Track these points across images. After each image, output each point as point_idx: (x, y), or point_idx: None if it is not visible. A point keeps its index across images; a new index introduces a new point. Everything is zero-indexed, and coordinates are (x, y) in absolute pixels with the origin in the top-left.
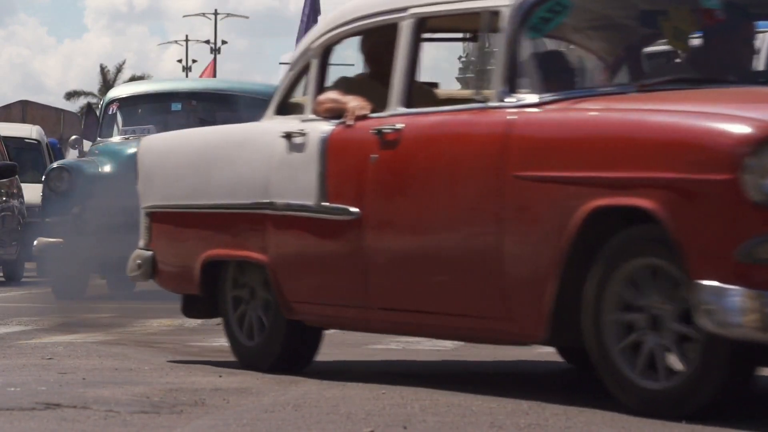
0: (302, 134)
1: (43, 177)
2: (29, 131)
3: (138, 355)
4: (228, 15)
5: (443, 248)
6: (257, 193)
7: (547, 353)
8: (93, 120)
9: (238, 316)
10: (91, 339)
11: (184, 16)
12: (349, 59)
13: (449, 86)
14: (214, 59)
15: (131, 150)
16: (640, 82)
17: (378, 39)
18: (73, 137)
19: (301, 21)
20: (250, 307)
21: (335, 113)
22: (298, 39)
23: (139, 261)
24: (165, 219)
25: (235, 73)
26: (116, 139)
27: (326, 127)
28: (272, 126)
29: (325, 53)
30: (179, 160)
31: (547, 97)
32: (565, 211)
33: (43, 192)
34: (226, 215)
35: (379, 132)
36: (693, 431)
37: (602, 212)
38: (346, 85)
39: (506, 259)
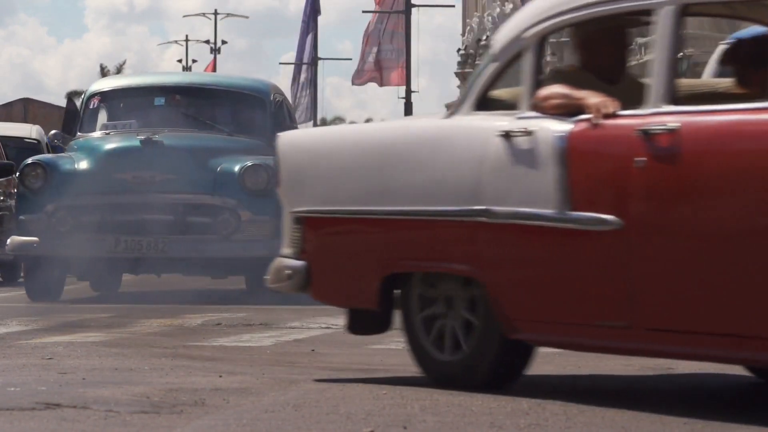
0: (526, 133)
1: (17, 173)
2: (29, 131)
3: (138, 355)
4: (228, 15)
5: (747, 264)
6: (465, 199)
7: (545, 353)
8: (73, 114)
9: (433, 338)
10: (91, 339)
11: (184, 16)
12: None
13: (448, 82)
14: (214, 59)
15: (110, 146)
16: None
17: (599, 27)
18: (53, 132)
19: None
20: (449, 318)
21: (566, 110)
22: (299, 39)
23: (289, 271)
24: (326, 226)
25: (235, 72)
26: (97, 134)
27: (560, 126)
28: (479, 123)
29: (540, 43)
30: (343, 158)
31: None
32: None
33: (17, 189)
34: (417, 222)
35: (646, 133)
36: (693, 431)
37: None
38: (560, 77)
39: None
